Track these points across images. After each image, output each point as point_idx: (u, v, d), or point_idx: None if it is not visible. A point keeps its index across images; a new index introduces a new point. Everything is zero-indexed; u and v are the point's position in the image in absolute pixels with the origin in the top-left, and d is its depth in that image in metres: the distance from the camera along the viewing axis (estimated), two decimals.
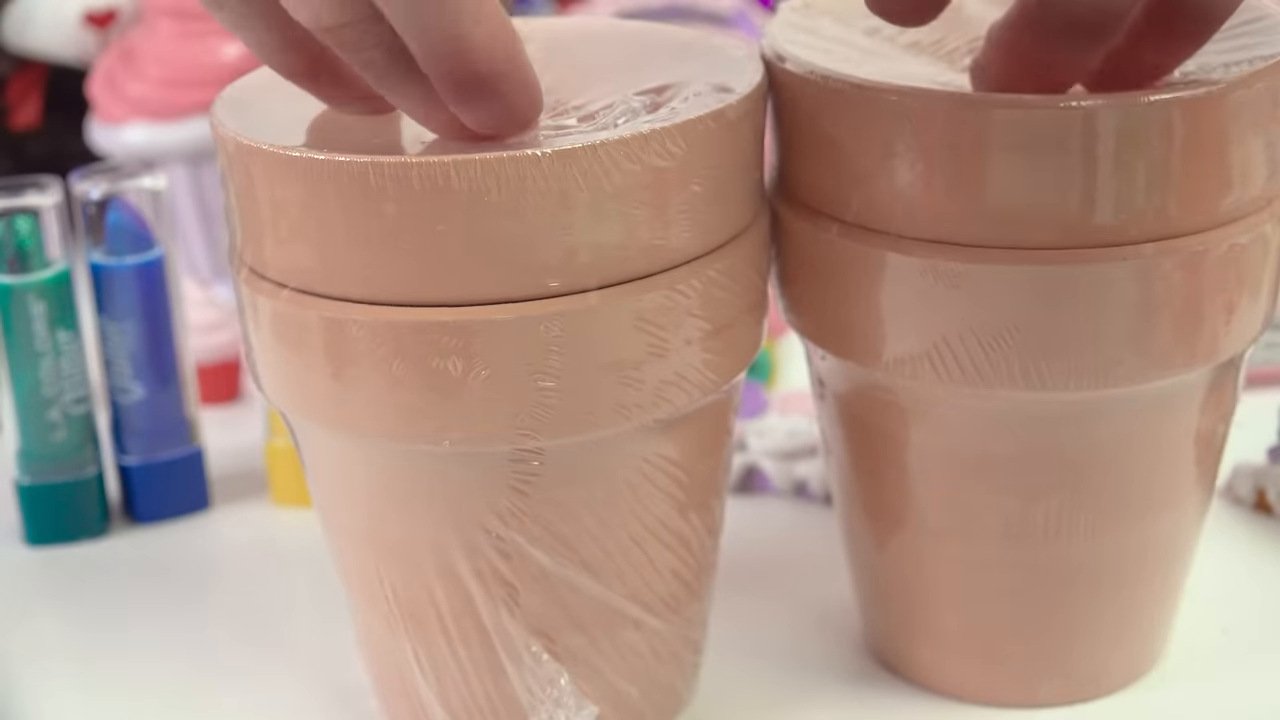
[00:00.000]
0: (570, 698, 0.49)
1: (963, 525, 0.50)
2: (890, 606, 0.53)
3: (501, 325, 0.44)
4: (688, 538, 0.50)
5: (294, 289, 0.45)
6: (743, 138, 0.47)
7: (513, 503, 0.46)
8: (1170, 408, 0.49)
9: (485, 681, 0.49)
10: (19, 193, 0.62)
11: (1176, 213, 0.45)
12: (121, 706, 0.55)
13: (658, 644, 0.50)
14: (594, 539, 0.47)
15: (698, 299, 0.46)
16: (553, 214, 0.43)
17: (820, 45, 0.50)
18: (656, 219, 0.45)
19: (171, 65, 0.76)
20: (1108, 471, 0.49)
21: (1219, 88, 0.45)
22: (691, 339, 0.46)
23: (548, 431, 0.45)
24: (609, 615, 0.49)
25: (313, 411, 0.46)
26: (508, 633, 0.48)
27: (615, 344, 0.45)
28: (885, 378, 0.49)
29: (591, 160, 0.43)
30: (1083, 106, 0.44)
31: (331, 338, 0.45)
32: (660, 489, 0.48)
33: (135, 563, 0.63)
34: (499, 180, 0.43)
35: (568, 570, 0.47)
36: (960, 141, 0.45)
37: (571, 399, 0.45)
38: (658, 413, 0.46)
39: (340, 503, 0.49)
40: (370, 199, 0.43)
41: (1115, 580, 0.50)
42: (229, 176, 0.46)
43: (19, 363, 0.62)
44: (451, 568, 0.47)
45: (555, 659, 0.49)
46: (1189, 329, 0.47)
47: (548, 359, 0.44)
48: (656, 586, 0.49)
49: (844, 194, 0.47)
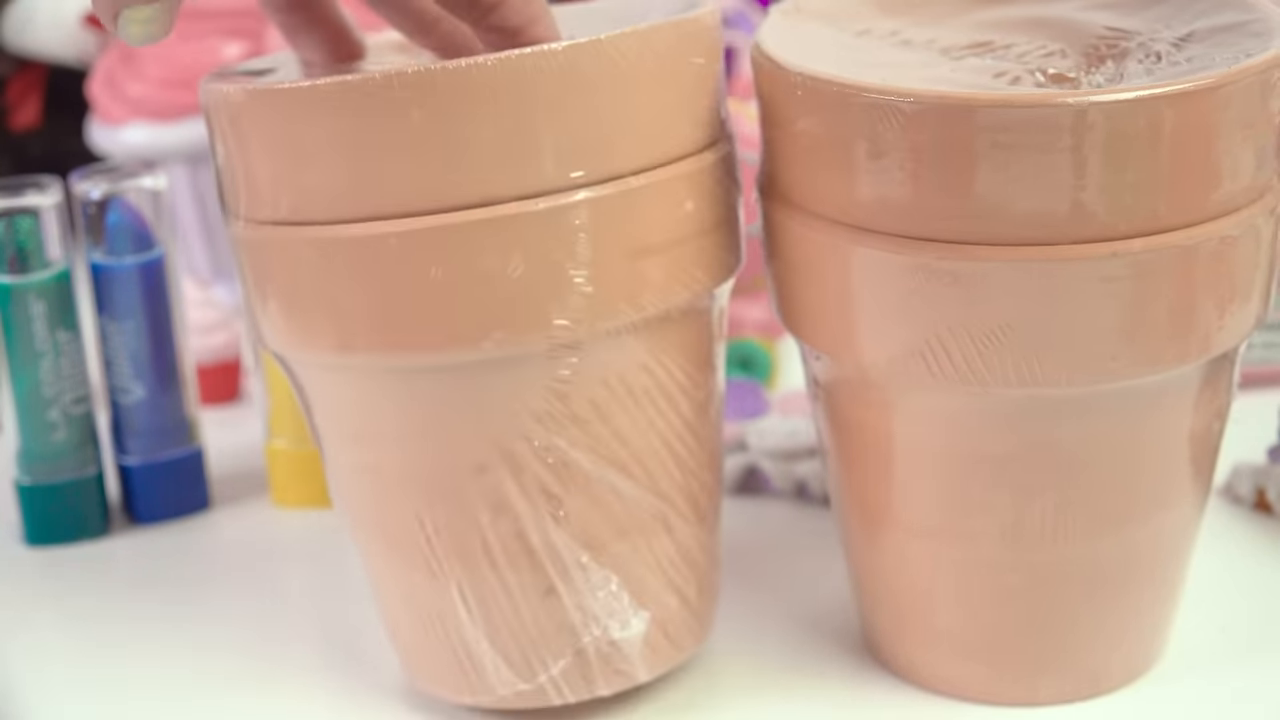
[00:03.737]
0: (623, 604, 0.50)
1: (958, 525, 0.50)
2: (888, 606, 0.53)
3: (530, 218, 0.46)
4: (705, 437, 0.52)
5: (321, 221, 0.47)
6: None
7: (551, 406, 0.48)
8: (1164, 404, 0.49)
9: (535, 607, 0.50)
10: (19, 193, 0.62)
11: (1166, 208, 0.45)
12: (121, 706, 0.55)
13: (691, 552, 0.52)
14: (625, 442, 0.49)
15: (717, 181, 0.49)
16: (567, 107, 0.46)
17: (810, 47, 0.50)
18: (666, 110, 0.47)
19: (171, 65, 0.77)
20: (1102, 469, 0.49)
21: (1207, 83, 0.45)
22: (686, 237, 0.48)
23: (583, 320, 0.47)
24: (646, 520, 0.50)
25: (352, 342, 0.48)
26: (555, 548, 0.49)
27: (641, 231, 0.47)
28: (879, 376, 0.49)
29: (598, 51, 0.46)
30: (1071, 104, 0.44)
31: (368, 257, 0.46)
32: (678, 389, 0.50)
33: (135, 563, 0.63)
34: (521, 77, 0.45)
35: (607, 473, 0.49)
36: (949, 140, 0.45)
37: (601, 287, 0.47)
38: (681, 296, 0.49)
39: (373, 452, 0.50)
40: (396, 110, 0.45)
41: (1113, 579, 0.50)
42: (231, 133, 0.48)
43: (19, 363, 0.62)
44: (497, 489, 0.48)
45: (603, 568, 0.50)
46: (1181, 324, 0.47)
47: (576, 247, 0.46)
48: (685, 488, 0.51)
49: (834, 193, 0.47)
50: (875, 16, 0.53)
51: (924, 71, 0.49)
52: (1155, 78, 0.47)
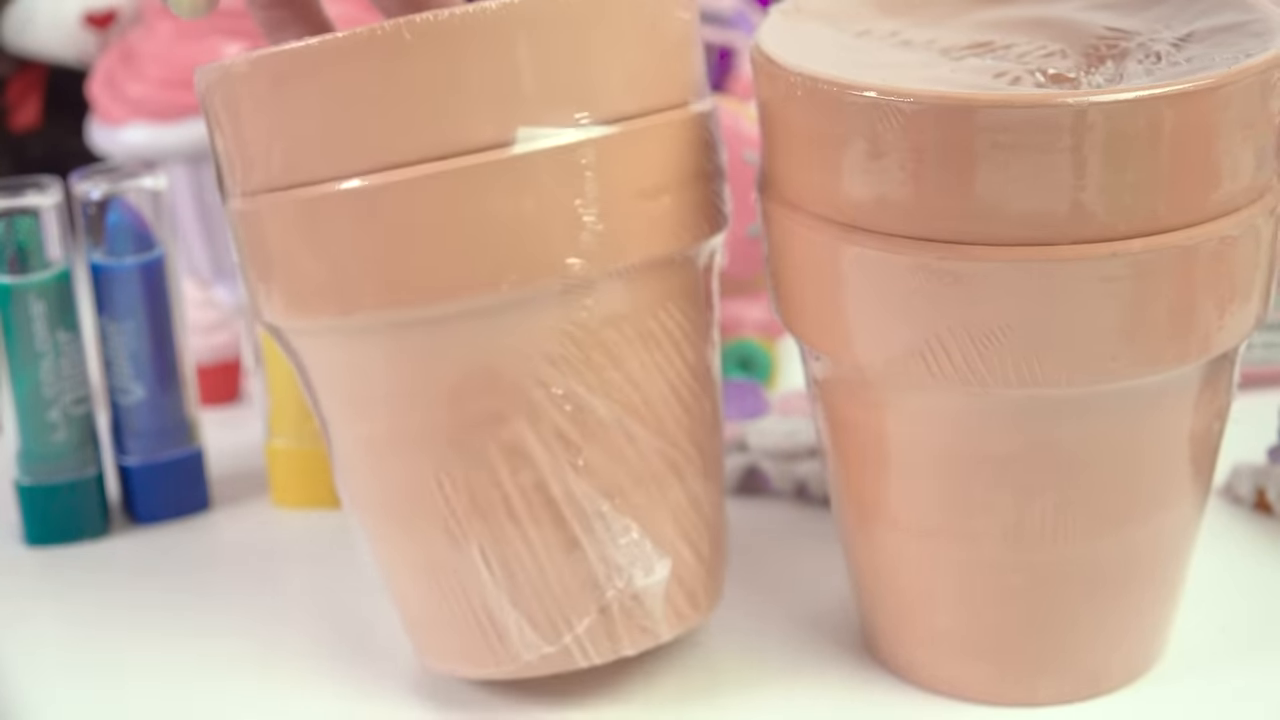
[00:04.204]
0: (646, 551, 0.51)
1: (958, 525, 0.50)
2: (887, 606, 0.53)
3: (541, 157, 0.47)
4: (707, 389, 0.52)
5: (321, 180, 0.48)
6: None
7: (566, 349, 0.49)
8: (1164, 404, 0.49)
9: (559, 562, 0.50)
10: (19, 193, 0.62)
11: (1166, 208, 0.45)
12: (121, 707, 0.55)
13: (705, 505, 0.52)
14: (638, 386, 0.50)
15: (697, 142, 0.50)
16: (569, 48, 0.47)
17: (810, 47, 0.50)
18: (656, 59, 0.49)
19: (171, 65, 0.76)
20: (1102, 469, 0.49)
21: (1207, 83, 0.45)
22: (687, 180, 0.50)
23: (595, 260, 0.48)
24: (660, 468, 0.51)
25: (365, 299, 0.48)
26: (576, 499, 0.50)
27: (645, 173, 0.49)
28: (878, 377, 0.49)
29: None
30: (1071, 103, 0.44)
31: (382, 208, 0.47)
32: (683, 335, 0.51)
33: (135, 563, 0.63)
34: (521, 20, 0.47)
35: (623, 418, 0.50)
36: (949, 140, 0.45)
37: (612, 225, 0.48)
38: (679, 242, 0.50)
39: (385, 418, 0.50)
40: (403, 58, 0.46)
41: (1113, 579, 0.51)
42: (225, 110, 0.49)
43: (19, 363, 0.62)
44: (516, 440, 0.49)
45: (624, 517, 0.50)
46: (1181, 324, 0.47)
47: (585, 186, 0.47)
48: (693, 435, 0.52)
49: (834, 193, 0.47)
50: (875, 17, 0.53)
51: (924, 72, 0.49)
52: (1155, 78, 0.47)
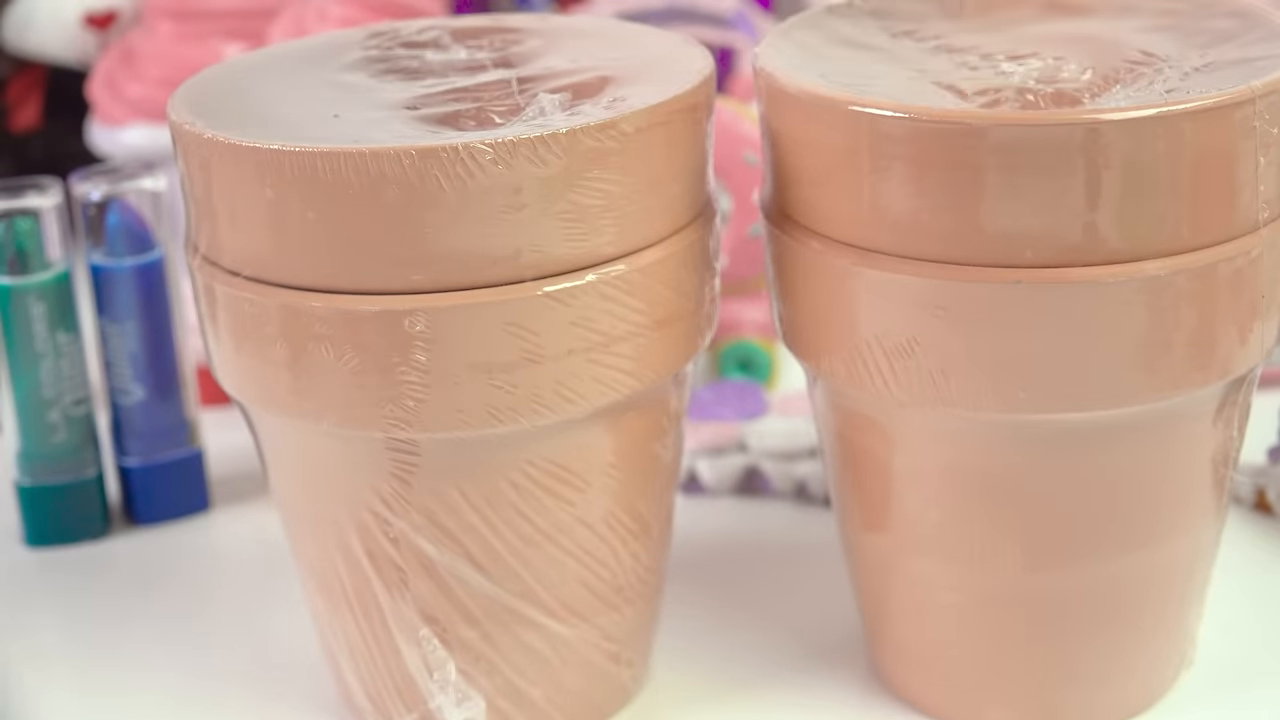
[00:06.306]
0: (455, 688, 0.49)
1: (970, 549, 0.48)
2: (890, 632, 0.52)
3: (366, 316, 0.44)
4: (593, 547, 0.49)
5: (222, 267, 0.47)
6: (648, 149, 0.45)
7: (395, 489, 0.47)
8: (1181, 425, 0.47)
9: (388, 658, 0.50)
10: (19, 194, 0.62)
11: (1186, 228, 0.44)
12: (121, 708, 0.55)
13: (563, 649, 0.50)
14: (479, 535, 0.47)
15: (580, 309, 0.45)
16: (415, 210, 0.43)
17: (816, 62, 0.48)
18: (530, 224, 0.44)
19: (171, 66, 0.76)
20: (1116, 494, 0.47)
21: (1228, 99, 0.43)
22: (575, 349, 0.45)
23: (417, 425, 0.45)
24: (502, 613, 0.48)
25: (240, 390, 0.48)
26: (401, 614, 0.49)
27: (483, 345, 0.44)
28: (886, 400, 0.47)
29: (454, 160, 0.43)
30: (1084, 121, 0.43)
31: (232, 313, 0.47)
32: (551, 494, 0.47)
33: (135, 564, 0.63)
34: (358, 172, 0.43)
35: (455, 562, 0.48)
36: (959, 161, 0.43)
37: (440, 395, 0.45)
38: (537, 420, 0.45)
39: (272, 477, 0.51)
40: (263, 182, 0.44)
41: (1126, 604, 0.49)
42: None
43: (19, 364, 0.62)
44: (349, 545, 0.48)
45: (447, 647, 0.49)
46: (1202, 346, 0.45)
47: (413, 353, 0.44)
48: (559, 591, 0.49)
49: (840, 213, 0.46)
50: (931, 17, 0.51)
51: (938, 89, 0.46)
52: (1157, 96, 0.45)
